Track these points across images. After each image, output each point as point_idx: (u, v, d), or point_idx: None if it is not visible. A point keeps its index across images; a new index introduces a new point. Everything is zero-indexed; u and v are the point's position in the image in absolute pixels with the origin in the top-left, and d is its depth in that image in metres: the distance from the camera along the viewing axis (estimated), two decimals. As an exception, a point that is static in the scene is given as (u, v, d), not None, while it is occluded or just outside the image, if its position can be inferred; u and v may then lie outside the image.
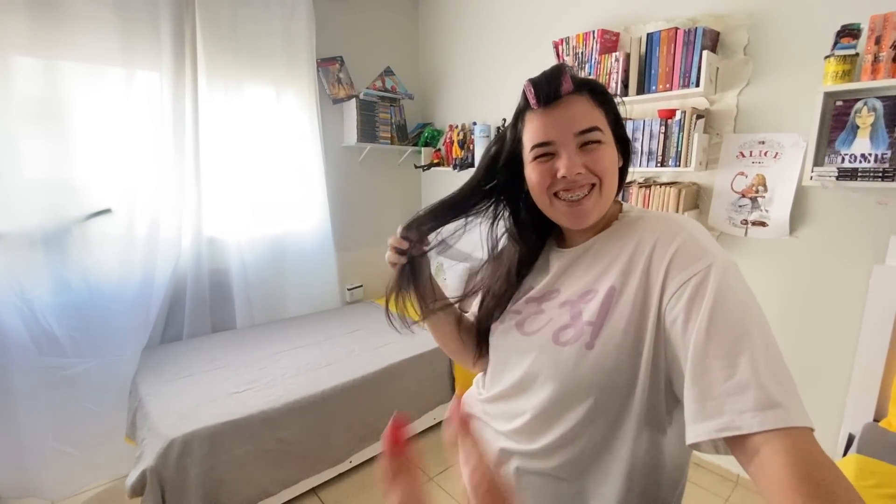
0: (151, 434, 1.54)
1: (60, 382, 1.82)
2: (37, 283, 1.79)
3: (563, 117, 0.64)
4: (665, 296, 0.58)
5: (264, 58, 2.39)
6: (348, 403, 1.88)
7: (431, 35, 3.13)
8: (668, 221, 0.64)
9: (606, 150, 0.66)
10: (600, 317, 0.63)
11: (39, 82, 1.77)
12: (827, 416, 1.65)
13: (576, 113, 0.65)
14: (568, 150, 0.64)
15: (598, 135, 0.65)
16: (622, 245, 0.66)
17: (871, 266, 1.51)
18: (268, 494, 1.66)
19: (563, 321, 0.67)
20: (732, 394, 0.48)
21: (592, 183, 0.65)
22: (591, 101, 0.66)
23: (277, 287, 2.60)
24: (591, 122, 0.65)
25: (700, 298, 0.54)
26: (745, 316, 0.53)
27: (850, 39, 1.41)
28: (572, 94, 0.65)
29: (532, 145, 0.67)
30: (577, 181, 0.64)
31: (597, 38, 1.98)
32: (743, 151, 1.77)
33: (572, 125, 0.64)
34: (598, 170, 0.64)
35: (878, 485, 1.14)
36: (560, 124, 0.64)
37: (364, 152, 2.93)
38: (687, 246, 0.59)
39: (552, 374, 0.66)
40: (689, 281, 0.56)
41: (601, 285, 0.65)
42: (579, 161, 0.64)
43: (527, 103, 0.68)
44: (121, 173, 1.99)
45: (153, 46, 2.02)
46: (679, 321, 0.55)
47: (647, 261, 0.61)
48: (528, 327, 0.72)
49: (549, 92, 0.64)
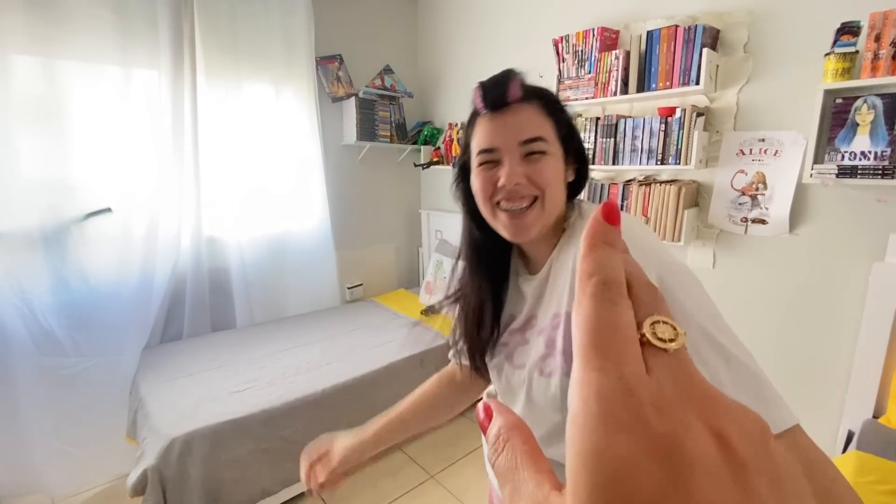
0: (152, 433, 1.54)
1: (61, 382, 1.82)
2: (36, 282, 1.79)
3: (508, 124, 0.63)
4: None
5: (263, 56, 2.38)
6: (349, 402, 1.88)
7: (431, 33, 3.12)
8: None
9: (551, 162, 0.63)
10: (566, 344, 0.63)
11: (37, 81, 1.77)
12: (826, 413, 1.65)
13: (523, 120, 0.63)
14: (511, 159, 0.62)
15: (543, 145, 0.62)
16: (567, 260, 0.65)
17: (870, 263, 1.51)
18: (269, 493, 1.67)
19: (542, 351, 0.67)
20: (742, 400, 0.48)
21: (534, 195, 0.62)
22: (541, 111, 0.64)
23: (277, 286, 2.59)
24: (537, 131, 0.62)
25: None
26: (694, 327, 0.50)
27: (850, 37, 1.41)
28: (522, 102, 0.63)
29: (477, 151, 0.65)
30: (518, 191, 0.62)
31: (597, 35, 1.97)
32: (743, 149, 1.77)
33: (517, 133, 0.62)
34: (539, 181, 0.62)
35: (878, 481, 1.15)
36: (505, 131, 0.62)
37: (363, 151, 2.92)
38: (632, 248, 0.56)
39: (549, 404, 0.65)
40: None
41: (562, 308, 0.65)
42: (521, 171, 0.62)
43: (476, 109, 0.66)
44: (120, 172, 1.98)
45: (151, 44, 2.01)
46: None
47: None
48: (516, 359, 0.72)
49: (497, 97, 0.62)
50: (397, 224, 3.30)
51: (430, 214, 3.19)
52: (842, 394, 1.60)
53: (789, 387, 1.72)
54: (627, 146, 1.94)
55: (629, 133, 1.93)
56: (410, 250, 3.40)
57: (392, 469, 2.01)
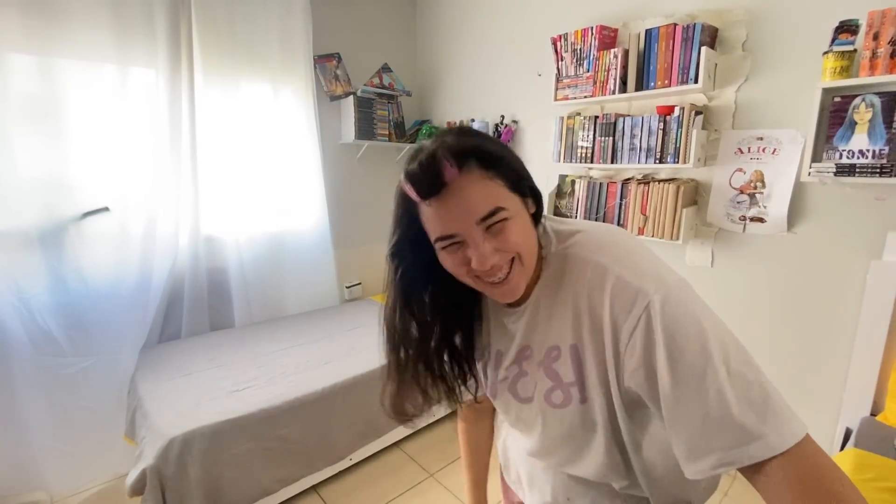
0: (151, 433, 1.54)
1: (59, 381, 1.82)
2: (34, 282, 1.78)
3: (458, 207, 0.57)
4: (619, 345, 0.58)
5: (261, 54, 2.37)
6: (348, 401, 1.88)
7: (429, 31, 3.11)
8: (590, 265, 0.60)
9: (516, 224, 0.59)
10: (578, 374, 0.64)
11: (34, 80, 1.75)
12: (824, 411, 1.66)
13: (469, 198, 0.56)
14: (474, 241, 0.57)
15: (503, 213, 0.58)
16: (563, 297, 0.64)
17: (868, 261, 1.52)
18: (268, 492, 1.67)
19: (547, 384, 0.68)
20: (714, 432, 0.50)
21: (511, 258, 0.60)
22: (483, 175, 0.57)
23: (276, 285, 2.59)
24: (490, 203, 0.57)
25: (651, 347, 0.54)
26: (701, 346, 0.51)
27: (848, 35, 1.41)
28: (459, 176, 0.56)
29: (436, 237, 0.60)
30: (495, 267, 0.59)
31: (595, 34, 1.97)
32: (741, 148, 1.78)
33: (470, 214, 0.57)
34: (511, 248, 0.59)
35: (875, 478, 1.15)
36: (457, 215, 0.57)
37: (362, 149, 2.92)
38: (618, 291, 0.57)
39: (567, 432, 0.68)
40: (635, 329, 0.55)
41: (563, 343, 0.65)
42: (490, 247, 0.58)
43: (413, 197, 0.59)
44: (117, 172, 1.97)
45: (148, 43, 2.00)
46: (640, 374, 0.56)
47: (590, 315, 0.60)
48: (521, 392, 0.73)
49: (431, 184, 0.56)
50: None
51: (428, 213, 3.18)
52: (839, 391, 1.61)
53: (787, 385, 1.72)
54: (626, 145, 1.94)
55: (628, 131, 1.93)
56: (409, 249, 3.39)
57: (392, 467, 2.01)
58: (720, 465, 0.49)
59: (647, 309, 0.53)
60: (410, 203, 0.60)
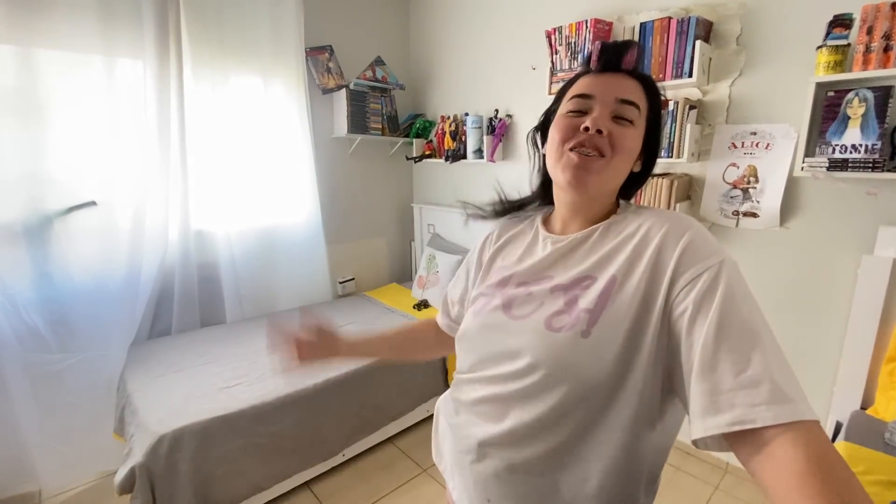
0: (140, 430, 1.52)
1: (46, 378, 1.79)
2: (19, 277, 1.74)
3: (611, 81, 0.65)
4: (674, 289, 0.57)
5: (251, 46, 2.33)
6: (340, 397, 1.87)
7: (423, 24, 3.08)
8: (675, 216, 0.63)
9: (634, 133, 0.65)
10: (599, 305, 0.60)
11: (17, 71, 1.71)
12: (815, 404, 1.65)
13: (622, 84, 0.64)
14: (602, 109, 0.63)
15: (635, 113, 0.64)
16: (626, 236, 0.64)
17: (859, 256, 1.52)
18: (260, 489, 1.65)
19: (555, 307, 0.64)
20: (745, 387, 0.48)
21: (604, 154, 0.63)
22: (642, 91, 0.66)
23: (267, 280, 2.56)
24: (634, 97, 0.64)
25: (712, 293, 0.53)
26: (754, 315, 0.53)
27: (842, 29, 1.41)
28: (629, 75, 0.65)
29: (572, 96, 0.66)
30: (596, 140, 0.63)
31: (590, 27, 1.96)
32: (735, 142, 1.77)
33: (617, 90, 0.64)
34: (618, 145, 0.63)
35: (866, 471, 1.16)
36: (606, 85, 0.64)
37: (354, 143, 2.89)
38: (698, 242, 0.58)
39: (541, 358, 0.61)
40: (700, 275, 0.55)
41: (601, 273, 0.63)
42: (608, 125, 0.63)
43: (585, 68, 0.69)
44: (104, 165, 1.93)
45: (136, 34, 1.96)
46: (688, 314, 0.54)
47: (656, 253, 0.59)
48: (516, 310, 0.68)
49: (613, 59, 0.65)
50: (389, 218, 3.27)
51: (422, 208, 3.17)
52: (830, 385, 1.62)
53: (779, 379, 1.73)
54: (620, 139, 1.93)
55: (660, 143, 1.92)
56: (403, 244, 3.38)
57: (385, 463, 2.00)
58: (738, 423, 0.46)
59: (720, 266, 0.55)
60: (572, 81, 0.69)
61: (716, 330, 0.51)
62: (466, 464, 0.70)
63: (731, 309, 0.52)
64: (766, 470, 0.45)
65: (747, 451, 0.47)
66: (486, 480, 0.67)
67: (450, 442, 0.78)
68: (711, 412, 0.49)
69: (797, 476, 0.42)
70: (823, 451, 0.43)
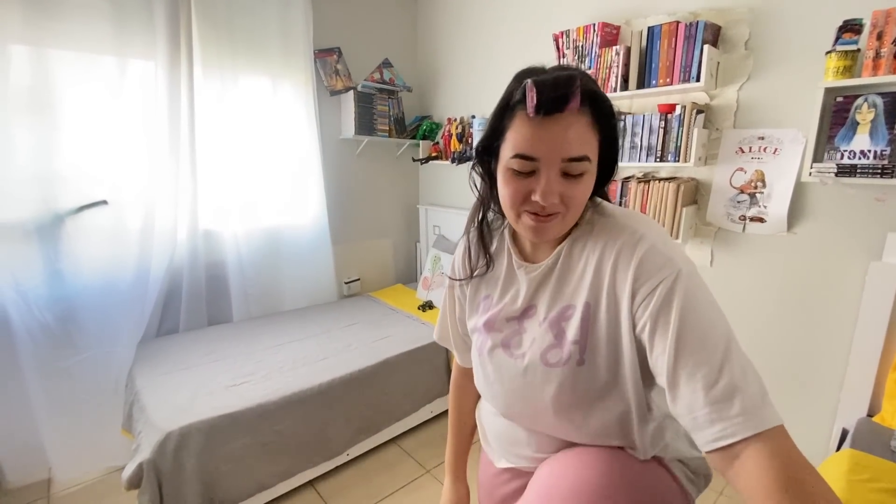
0: (148, 427, 1.53)
1: (57, 374, 1.82)
2: (31, 274, 1.77)
3: (557, 137, 0.58)
4: (634, 305, 0.59)
5: (260, 48, 2.36)
6: (345, 397, 1.88)
7: (430, 27, 3.09)
8: (628, 230, 0.62)
9: (586, 183, 0.62)
10: (583, 334, 0.64)
11: (32, 71, 1.74)
12: (821, 412, 1.66)
13: (571, 136, 0.58)
14: (549, 174, 0.59)
15: (586, 166, 0.60)
16: (587, 257, 0.66)
17: (867, 262, 1.51)
18: (265, 487, 1.67)
19: (547, 341, 0.68)
20: (719, 402, 0.50)
21: (559, 212, 0.62)
22: (591, 123, 0.60)
23: (274, 280, 2.58)
24: (584, 150, 0.59)
25: (667, 307, 0.55)
26: (715, 323, 0.54)
27: (851, 35, 1.40)
28: (577, 112, 0.58)
29: (514, 153, 0.61)
30: (548, 207, 0.61)
31: (597, 31, 1.96)
32: (742, 147, 1.77)
33: (563, 149, 0.58)
34: (570, 202, 0.62)
35: (871, 479, 1.15)
36: (550, 143, 0.58)
37: (361, 145, 2.91)
38: (649, 256, 0.58)
39: (549, 394, 0.67)
40: (654, 291, 0.56)
41: (577, 301, 0.66)
42: (557, 189, 0.60)
43: (523, 100, 0.60)
44: (115, 165, 1.96)
45: (147, 35, 1.99)
46: (647, 329, 0.57)
47: (612, 276, 0.62)
48: (514, 348, 0.73)
49: (554, 101, 0.56)
50: (395, 219, 3.29)
51: (428, 210, 3.18)
52: (836, 392, 1.61)
53: (784, 384, 1.72)
54: (627, 143, 1.93)
55: (629, 130, 1.92)
56: (408, 245, 3.39)
57: (388, 463, 2.01)
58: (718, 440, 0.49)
59: (673, 279, 0.55)
60: (509, 110, 0.62)
61: (675, 345, 0.53)
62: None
63: (689, 321, 0.54)
64: (741, 481, 0.48)
65: (722, 463, 0.50)
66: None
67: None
68: (696, 428, 0.52)
69: (766, 491, 0.45)
70: (789, 460, 0.46)
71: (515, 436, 0.78)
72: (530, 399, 0.70)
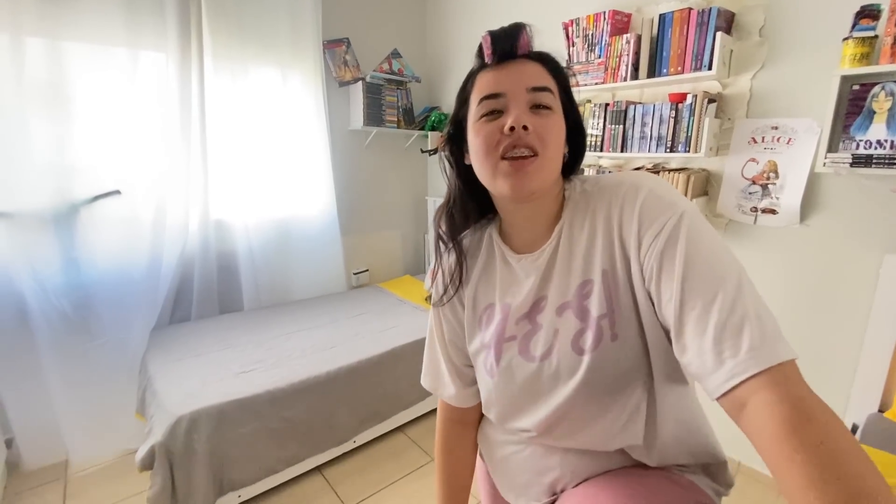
0: (160, 411, 1.57)
1: (73, 359, 1.87)
2: (48, 262, 1.82)
3: (516, 72, 0.61)
4: (642, 254, 0.57)
5: (270, 39, 2.36)
6: (352, 385, 1.90)
7: (439, 17, 3.07)
8: (625, 184, 0.61)
9: (557, 119, 0.62)
10: (609, 306, 0.60)
11: (47, 63, 1.77)
12: (832, 405, 1.62)
13: (527, 70, 0.61)
14: (518, 104, 0.60)
15: (550, 98, 0.61)
16: (591, 224, 0.63)
17: (882, 255, 1.48)
18: (273, 471, 1.70)
19: (573, 327, 0.62)
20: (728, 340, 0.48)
21: (535, 150, 0.59)
22: (546, 71, 0.63)
23: (284, 270, 2.62)
24: (545, 82, 0.62)
25: (671, 249, 0.53)
26: (721, 261, 0.52)
27: (869, 21, 1.36)
28: (526, 59, 0.63)
29: (480, 98, 0.62)
30: (523, 137, 0.59)
31: (608, 18, 1.93)
32: (755, 137, 1.73)
33: (525, 79, 0.61)
34: (545, 135, 0.59)
35: (880, 474, 1.14)
36: (512, 78, 0.61)
37: (370, 136, 2.91)
38: (650, 200, 0.57)
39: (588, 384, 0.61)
40: (658, 234, 0.55)
41: (593, 273, 0.62)
42: (528, 120, 0.59)
43: (480, 62, 0.65)
44: (128, 155, 2.00)
45: (159, 27, 2.01)
46: (654, 278, 0.55)
47: (619, 228, 0.59)
48: (533, 350, 0.66)
49: (507, 47, 0.61)
50: (403, 210, 3.29)
51: (436, 201, 3.18)
52: (847, 387, 1.59)
53: (794, 379, 1.70)
54: (637, 133, 1.90)
55: (638, 119, 1.89)
56: (416, 237, 3.40)
57: (394, 451, 2.04)
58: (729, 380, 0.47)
59: (679, 215, 0.54)
60: (470, 77, 0.67)
61: (682, 285, 0.52)
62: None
63: (695, 259, 0.52)
64: (750, 426, 0.46)
65: (733, 409, 0.48)
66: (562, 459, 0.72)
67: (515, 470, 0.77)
68: (704, 378, 0.49)
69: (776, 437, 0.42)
70: (799, 399, 0.44)
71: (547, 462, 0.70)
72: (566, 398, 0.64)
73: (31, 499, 1.73)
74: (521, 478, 0.75)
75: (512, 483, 0.77)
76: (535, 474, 0.72)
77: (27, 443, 1.85)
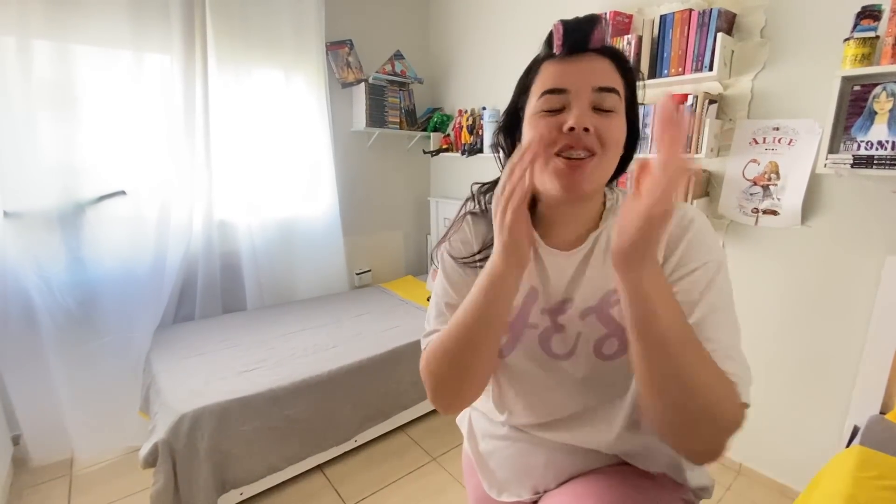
0: (163, 409, 1.59)
1: (78, 357, 1.89)
2: (53, 261, 1.85)
3: (584, 69, 0.57)
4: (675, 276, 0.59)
5: (273, 41, 2.39)
6: (354, 384, 1.92)
7: (442, 18, 3.09)
8: (676, 213, 0.60)
9: (619, 122, 0.59)
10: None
11: (53, 65, 1.80)
12: (833, 407, 1.63)
13: (596, 68, 0.57)
14: (581, 103, 0.56)
15: (616, 101, 0.58)
16: None
17: (883, 257, 1.48)
18: (275, 469, 1.72)
19: (597, 333, 0.64)
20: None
21: (594, 152, 0.57)
22: (616, 69, 0.59)
23: (287, 270, 2.64)
24: (613, 82, 0.58)
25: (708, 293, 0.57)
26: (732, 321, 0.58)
27: (870, 21, 1.36)
28: (597, 53, 0.58)
29: (542, 91, 0.58)
30: (583, 139, 0.56)
31: (609, 19, 1.93)
32: (756, 138, 1.73)
33: (593, 77, 0.57)
34: (606, 138, 0.57)
35: (879, 476, 1.13)
36: (579, 74, 0.57)
37: (373, 137, 2.93)
38: (699, 238, 0.60)
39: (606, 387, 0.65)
40: (698, 269, 0.58)
41: None
42: (590, 121, 0.56)
43: (547, 51, 0.61)
44: (133, 156, 2.02)
45: (163, 29, 2.03)
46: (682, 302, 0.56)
47: (662, 250, 0.60)
48: (556, 348, 0.67)
49: (578, 39, 0.57)
50: (406, 211, 3.31)
51: (438, 202, 3.20)
52: (849, 389, 1.58)
53: (796, 381, 1.70)
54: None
55: (640, 120, 1.89)
56: (419, 238, 3.42)
57: (396, 450, 2.05)
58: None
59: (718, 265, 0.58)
60: (535, 65, 0.63)
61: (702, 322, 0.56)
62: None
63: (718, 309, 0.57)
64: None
65: None
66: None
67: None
68: None
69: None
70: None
71: (531, 461, 0.71)
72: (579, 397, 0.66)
73: (37, 495, 1.75)
74: (504, 473, 0.75)
75: (494, 478, 0.77)
76: (519, 471, 0.73)
77: (34, 439, 1.87)
